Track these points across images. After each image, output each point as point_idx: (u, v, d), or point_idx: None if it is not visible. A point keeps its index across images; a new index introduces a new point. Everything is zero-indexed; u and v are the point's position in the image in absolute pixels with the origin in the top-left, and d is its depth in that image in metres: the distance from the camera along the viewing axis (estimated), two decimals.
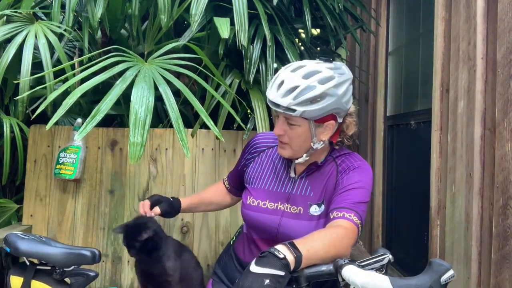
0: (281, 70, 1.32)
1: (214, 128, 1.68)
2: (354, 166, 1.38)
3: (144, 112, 1.61)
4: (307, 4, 2.27)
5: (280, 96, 1.25)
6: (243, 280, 1.00)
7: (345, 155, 1.42)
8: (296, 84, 1.25)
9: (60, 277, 1.35)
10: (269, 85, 1.32)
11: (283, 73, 1.29)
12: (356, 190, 1.32)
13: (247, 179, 1.50)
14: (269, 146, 1.52)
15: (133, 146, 1.55)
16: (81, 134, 1.53)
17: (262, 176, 1.47)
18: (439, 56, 1.99)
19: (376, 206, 2.88)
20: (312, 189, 1.40)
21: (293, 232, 1.33)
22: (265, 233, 1.41)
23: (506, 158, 1.47)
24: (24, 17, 2.04)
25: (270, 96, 1.28)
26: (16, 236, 1.36)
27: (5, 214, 2.14)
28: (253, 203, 1.43)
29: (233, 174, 1.64)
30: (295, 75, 1.27)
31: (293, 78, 1.26)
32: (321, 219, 1.37)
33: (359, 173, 1.36)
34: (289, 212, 1.39)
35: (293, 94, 1.24)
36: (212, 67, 1.96)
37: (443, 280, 0.94)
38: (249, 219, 1.45)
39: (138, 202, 2.09)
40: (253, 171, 1.49)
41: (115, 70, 1.72)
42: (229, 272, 1.53)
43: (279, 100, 1.25)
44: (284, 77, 1.27)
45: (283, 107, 1.25)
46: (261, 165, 1.49)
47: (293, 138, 1.33)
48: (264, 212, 1.41)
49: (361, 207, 1.29)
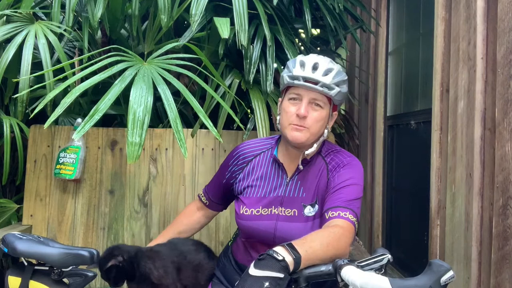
0: (306, 56, 1.40)
1: (213, 129, 1.68)
2: (344, 163, 1.39)
3: (142, 112, 1.60)
4: (307, 4, 2.27)
5: (321, 74, 1.33)
6: (242, 283, 1.00)
7: (333, 153, 1.43)
8: (331, 66, 1.36)
9: (58, 278, 1.34)
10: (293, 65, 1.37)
11: (312, 58, 1.37)
12: (349, 188, 1.33)
13: (238, 190, 1.49)
14: (255, 155, 1.50)
15: (131, 146, 1.55)
16: (79, 133, 1.52)
17: (254, 184, 1.46)
18: (439, 56, 1.99)
19: (376, 206, 2.88)
20: (305, 189, 1.40)
21: (290, 235, 1.33)
22: (262, 239, 1.41)
23: (506, 158, 1.47)
24: (24, 17, 2.04)
25: (306, 74, 1.33)
26: (14, 236, 1.35)
27: (5, 214, 2.14)
28: (246, 212, 1.42)
29: (215, 188, 1.59)
30: (325, 60, 1.37)
31: (327, 62, 1.37)
32: (316, 219, 1.37)
33: (350, 170, 1.37)
34: (283, 215, 1.39)
35: (331, 74, 1.34)
36: (212, 68, 1.96)
37: (443, 281, 0.93)
38: (245, 228, 1.44)
39: (138, 202, 2.09)
40: (244, 181, 1.48)
41: (114, 69, 1.72)
42: (228, 274, 1.53)
43: (320, 77, 1.33)
44: (316, 60, 1.36)
45: (325, 84, 1.33)
46: (250, 174, 1.48)
47: (315, 121, 1.35)
48: (259, 219, 1.40)
49: (355, 204, 1.30)
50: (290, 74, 1.36)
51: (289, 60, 1.46)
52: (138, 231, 2.09)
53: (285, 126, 1.37)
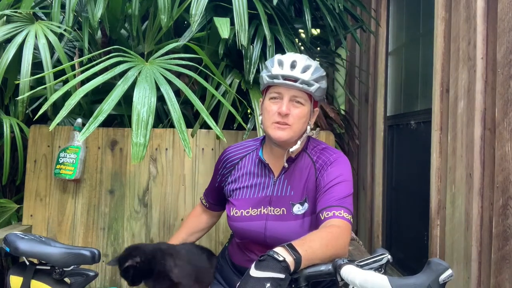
0: (283, 55, 1.39)
1: (216, 128, 1.68)
2: (330, 160, 1.39)
3: (146, 113, 1.61)
4: (307, 4, 2.27)
5: (299, 71, 1.33)
6: (243, 285, 1.00)
7: (319, 150, 1.43)
8: (308, 63, 1.36)
9: (59, 277, 1.35)
10: (271, 65, 1.37)
11: (290, 56, 1.38)
12: (339, 185, 1.33)
13: (228, 193, 1.51)
14: (241, 157, 1.52)
15: (136, 146, 1.55)
16: (83, 135, 1.53)
17: (242, 186, 1.47)
18: (439, 56, 1.99)
19: (376, 206, 2.88)
20: (292, 188, 1.41)
21: (280, 234, 1.34)
22: (254, 239, 1.42)
23: (506, 158, 1.47)
24: (24, 17, 2.04)
25: (285, 72, 1.33)
26: (15, 236, 1.36)
27: (5, 214, 2.14)
28: (236, 214, 1.44)
29: (211, 192, 1.64)
30: (303, 58, 1.38)
31: (303, 59, 1.37)
32: (306, 217, 1.37)
33: (338, 167, 1.37)
34: (272, 214, 1.40)
35: (310, 71, 1.34)
36: (213, 67, 1.96)
37: (442, 280, 0.94)
38: (236, 229, 1.46)
39: (138, 202, 2.10)
40: (232, 184, 1.50)
41: (116, 70, 1.72)
42: (226, 275, 1.54)
43: (299, 74, 1.33)
44: (294, 58, 1.36)
45: (304, 81, 1.33)
46: (238, 177, 1.49)
47: (297, 118, 1.35)
48: (249, 220, 1.42)
49: (347, 201, 1.31)
50: (269, 73, 1.36)
51: (267, 60, 1.47)
52: (138, 231, 2.09)
53: (268, 126, 1.37)
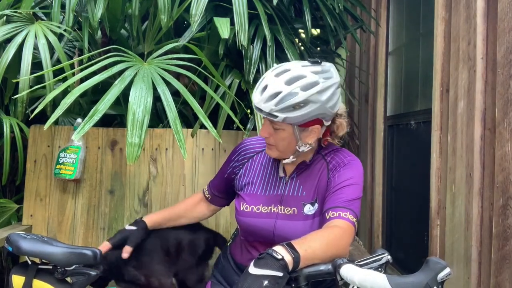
0: (267, 73, 1.32)
1: (212, 129, 1.68)
2: (344, 162, 1.38)
3: (142, 113, 1.61)
4: (307, 4, 2.27)
5: (263, 101, 1.26)
6: (242, 282, 1.01)
7: (334, 152, 1.42)
8: (279, 89, 1.24)
9: (61, 276, 1.35)
10: (255, 87, 1.32)
11: (268, 77, 1.29)
12: (349, 187, 1.33)
13: (238, 186, 1.50)
14: (257, 152, 1.52)
15: (130, 146, 1.55)
16: (78, 134, 1.53)
17: (254, 181, 1.47)
18: (439, 56, 1.99)
19: (376, 206, 2.88)
20: (304, 188, 1.41)
21: (289, 234, 1.33)
22: (261, 237, 1.41)
23: (506, 158, 1.47)
24: (24, 17, 2.04)
25: (254, 99, 1.30)
26: (18, 235, 1.37)
27: (5, 214, 2.14)
28: (246, 209, 1.43)
29: (218, 183, 1.61)
30: (279, 80, 1.26)
31: (276, 83, 1.25)
32: (316, 218, 1.37)
33: (350, 169, 1.37)
34: (283, 214, 1.40)
35: (275, 100, 1.24)
36: (212, 68, 1.96)
37: (440, 278, 0.94)
38: (244, 225, 1.45)
39: (138, 202, 2.10)
40: (244, 178, 1.49)
41: (114, 69, 1.72)
42: (227, 274, 1.53)
43: (261, 105, 1.27)
44: (268, 82, 1.28)
45: (266, 112, 1.27)
46: (251, 171, 1.49)
47: (278, 141, 1.34)
48: (259, 216, 1.41)
49: (355, 204, 1.30)
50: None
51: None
52: None
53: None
